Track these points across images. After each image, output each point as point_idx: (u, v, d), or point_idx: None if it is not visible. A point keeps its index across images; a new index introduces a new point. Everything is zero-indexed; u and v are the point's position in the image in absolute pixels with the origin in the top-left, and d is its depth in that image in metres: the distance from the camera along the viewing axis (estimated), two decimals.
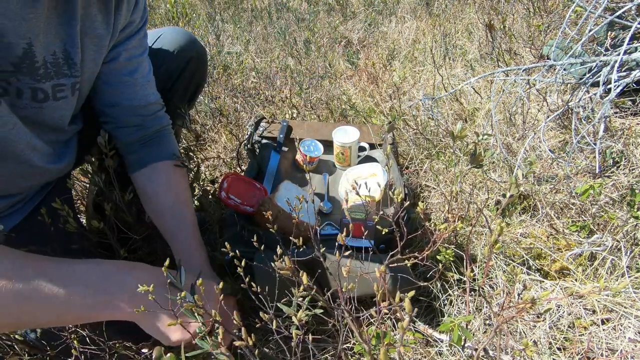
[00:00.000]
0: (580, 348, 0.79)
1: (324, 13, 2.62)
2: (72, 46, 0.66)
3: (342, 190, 1.16)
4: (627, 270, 0.87)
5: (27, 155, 0.67)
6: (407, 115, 1.48)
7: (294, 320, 0.52)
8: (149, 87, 0.83)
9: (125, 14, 0.74)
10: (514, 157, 1.23)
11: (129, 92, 0.80)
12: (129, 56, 0.78)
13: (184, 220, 0.81)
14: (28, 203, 0.75)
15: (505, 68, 1.21)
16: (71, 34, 0.65)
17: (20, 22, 0.56)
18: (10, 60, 0.58)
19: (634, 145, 1.17)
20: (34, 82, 0.62)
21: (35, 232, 0.72)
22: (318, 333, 0.85)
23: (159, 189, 0.82)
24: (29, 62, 0.60)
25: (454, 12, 2.29)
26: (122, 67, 0.77)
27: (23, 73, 0.60)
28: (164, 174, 0.83)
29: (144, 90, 0.82)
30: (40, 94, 0.64)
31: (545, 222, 1.04)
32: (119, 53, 0.76)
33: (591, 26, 1.05)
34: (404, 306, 0.39)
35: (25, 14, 0.57)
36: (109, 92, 0.78)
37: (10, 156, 0.64)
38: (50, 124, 0.70)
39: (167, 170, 0.84)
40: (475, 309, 0.88)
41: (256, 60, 2.09)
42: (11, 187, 0.70)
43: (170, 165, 0.84)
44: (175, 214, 0.81)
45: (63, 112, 0.71)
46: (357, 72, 1.92)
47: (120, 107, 0.80)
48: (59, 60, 0.65)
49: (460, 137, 0.76)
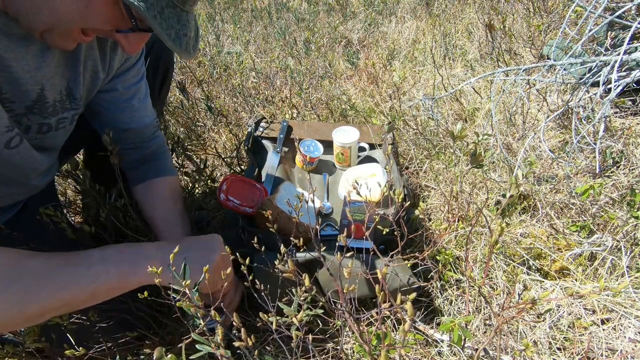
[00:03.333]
0: (580, 348, 0.79)
1: (324, 13, 2.62)
2: (75, 84, 0.71)
3: (342, 191, 1.16)
4: (627, 270, 0.87)
5: (28, 177, 0.72)
6: (407, 115, 1.48)
7: (294, 320, 0.52)
8: (145, 109, 0.89)
9: (121, 54, 0.78)
10: (514, 157, 1.23)
11: (126, 118, 0.85)
12: (127, 85, 0.82)
13: (177, 228, 0.87)
14: (13, 207, 0.78)
15: (505, 68, 1.21)
16: (75, 74, 0.70)
17: (35, 72, 0.62)
18: (25, 104, 0.64)
19: (634, 145, 1.17)
20: (42, 119, 0.68)
21: (23, 227, 0.76)
22: (318, 333, 0.85)
23: (155, 201, 0.89)
24: (40, 104, 0.67)
25: (454, 12, 2.29)
26: (120, 95, 0.82)
27: (34, 113, 0.67)
28: (160, 188, 0.90)
29: (140, 113, 0.87)
30: (45, 127, 0.70)
31: (545, 222, 1.04)
32: (117, 84, 0.81)
33: (591, 26, 1.05)
34: (406, 308, 0.39)
35: (39, 63, 0.62)
36: (108, 118, 0.83)
37: (14, 180, 0.70)
38: (48, 147, 0.75)
39: (163, 185, 0.91)
40: (475, 309, 0.88)
41: (256, 61, 2.09)
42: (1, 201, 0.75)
43: (166, 180, 0.92)
44: (170, 222, 0.87)
45: (61, 138, 0.77)
46: (357, 72, 1.92)
47: (118, 130, 0.84)
48: (63, 97, 0.70)
49: (460, 137, 0.76)
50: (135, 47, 0.61)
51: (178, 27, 0.57)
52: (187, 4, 0.58)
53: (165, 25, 0.55)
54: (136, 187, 0.90)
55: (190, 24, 0.60)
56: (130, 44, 0.61)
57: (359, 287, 0.82)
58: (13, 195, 0.75)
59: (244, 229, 0.94)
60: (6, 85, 0.60)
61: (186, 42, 0.59)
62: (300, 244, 0.68)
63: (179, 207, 0.91)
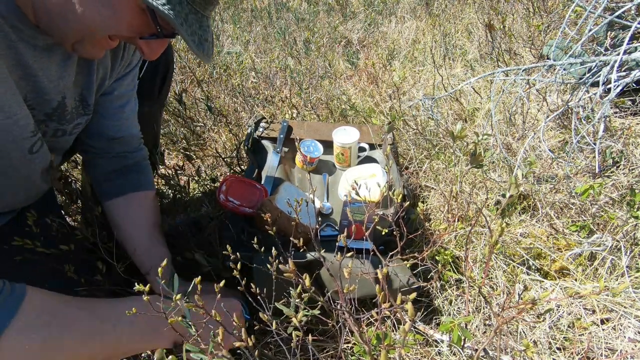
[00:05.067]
0: (580, 348, 0.79)
1: (324, 13, 2.62)
2: (88, 91, 0.73)
3: (342, 191, 1.16)
4: (627, 270, 0.87)
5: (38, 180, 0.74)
6: (407, 115, 1.48)
7: (294, 321, 0.52)
8: (135, 119, 0.89)
9: (126, 58, 0.79)
10: (514, 157, 1.23)
11: (116, 124, 0.85)
12: (123, 91, 0.83)
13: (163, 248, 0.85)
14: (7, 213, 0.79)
15: (505, 68, 1.21)
16: (89, 82, 0.72)
17: (58, 81, 0.64)
18: (45, 111, 0.66)
19: (633, 145, 1.18)
20: (59, 125, 0.71)
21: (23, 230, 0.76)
22: (318, 333, 0.85)
23: (138, 217, 0.86)
24: (60, 111, 0.68)
25: (454, 12, 2.29)
26: (114, 99, 0.82)
27: (52, 120, 0.69)
28: (143, 202, 0.88)
29: (129, 122, 0.87)
30: (60, 132, 0.72)
31: (545, 222, 1.04)
32: (114, 88, 0.81)
33: (591, 26, 1.05)
34: (406, 308, 0.39)
35: (61, 73, 0.64)
36: (98, 124, 0.83)
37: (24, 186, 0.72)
38: (58, 149, 0.77)
39: (146, 199, 0.89)
40: (475, 309, 0.88)
41: (256, 61, 2.09)
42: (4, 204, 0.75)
43: (148, 194, 0.89)
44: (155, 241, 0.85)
45: (71, 142, 0.79)
46: (357, 72, 1.92)
47: (105, 138, 0.84)
48: (77, 103, 0.72)
49: (460, 137, 0.76)
50: (156, 52, 0.62)
51: (200, 33, 0.59)
52: (208, 10, 0.59)
53: (190, 31, 0.56)
54: (112, 201, 0.85)
55: (210, 29, 0.62)
56: (152, 50, 0.62)
57: (365, 287, 0.82)
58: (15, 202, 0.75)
59: (244, 229, 0.94)
60: (31, 94, 0.62)
61: (207, 47, 0.61)
62: (300, 245, 0.68)
63: (159, 223, 0.89)
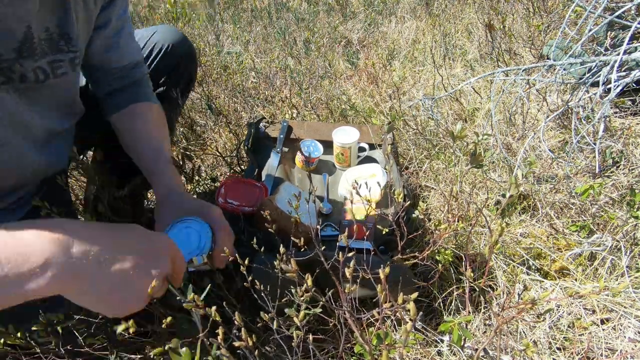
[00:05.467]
0: (580, 348, 0.79)
1: (324, 13, 2.62)
2: (66, 22, 0.66)
3: (342, 191, 1.16)
4: (627, 270, 0.87)
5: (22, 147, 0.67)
6: (407, 115, 1.48)
7: (295, 320, 0.52)
8: (132, 43, 0.85)
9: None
10: (514, 157, 1.23)
11: (117, 55, 0.82)
12: (117, 16, 0.79)
13: (162, 154, 0.80)
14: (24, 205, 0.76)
15: (505, 68, 1.21)
16: (65, 10, 0.66)
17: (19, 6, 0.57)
18: (13, 46, 0.59)
19: (633, 145, 1.18)
20: (34, 62, 0.63)
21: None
22: (319, 333, 0.85)
23: (137, 125, 0.83)
24: (29, 44, 0.61)
25: (454, 12, 2.29)
26: (112, 29, 0.79)
27: (24, 57, 0.61)
28: (142, 112, 0.84)
29: (129, 48, 0.84)
30: (41, 74, 0.65)
31: (545, 222, 1.04)
32: (109, 18, 0.77)
33: (591, 26, 1.05)
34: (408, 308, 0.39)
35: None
36: (98, 57, 0.80)
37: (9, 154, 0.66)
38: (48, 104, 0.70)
39: (146, 110, 0.85)
40: (475, 309, 0.88)
41: (256, 61, 2.09)
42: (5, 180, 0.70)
43: (149, 105, 0.86)
44: (153, 148, 0.80)
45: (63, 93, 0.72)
46: (357, 72, 1.92)
47: (107, 68, 0.82)
48: (53, 36, 0.65)
49: (460, 137, 0.76)
50: None
51: None
52: None
53: None
54: (116, 114, 0.84)
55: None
56: None
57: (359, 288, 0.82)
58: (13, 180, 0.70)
59: (244, 229, 0.94)
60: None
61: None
62: (300, 244, 0.68)
63: (167, 135, 0.85)
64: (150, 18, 2.55)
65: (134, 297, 0.49)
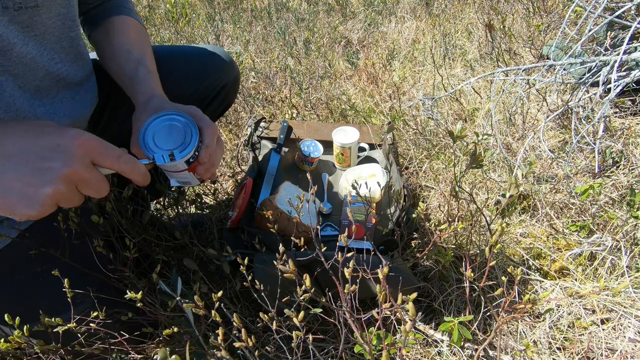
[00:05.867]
0: (580, 348, 0.79)
1: (324, 13, 2.62)
2: None
3: (342, 191, 1.16)
4: (627, 270, 0.87)
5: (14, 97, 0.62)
6: (407, 115, 1.48)
7: (295, 321, 0.52)
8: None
9: None
10: (514, 157, 1.23)
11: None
12: None
13: (142, 64, 0.74)
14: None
15: (505, 68, 1.21)
16: None
17: None
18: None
19: (633, 145, 1.18)
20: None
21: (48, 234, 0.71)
22: (319, 333, 0.86)
23: (117, 38, 0.77)
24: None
25: (454, 12, 2.29)
26: None
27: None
28: (122, 26, 0.79)
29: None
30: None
31: (545, 222, 1.04)
32: None
33: (591, 26, 1.05)
34: (407, 308, 0.39)
35: None
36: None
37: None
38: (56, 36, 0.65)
39: (126, 23, 0.80)
40: (475, 309, 0.88)
41: (256, 61, 2.09)
42: None
43: (128, 19, 0.81)
44: (133, 59, 0.74)
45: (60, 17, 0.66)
46: (356, 72, 1.92)
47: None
48: None
49: (460, 137, 0.76)
50: None
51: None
52: None
53: None
54: (95, 31, 0.79)
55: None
56: None
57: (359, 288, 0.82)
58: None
59: (244, 229, 0.94)
60: None
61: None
62: (300, 244, 0.68)
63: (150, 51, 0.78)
64: (150, 18, 2.55)
65: (22, 203, 0.43)
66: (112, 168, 0.46)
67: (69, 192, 0.44)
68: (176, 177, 0.61)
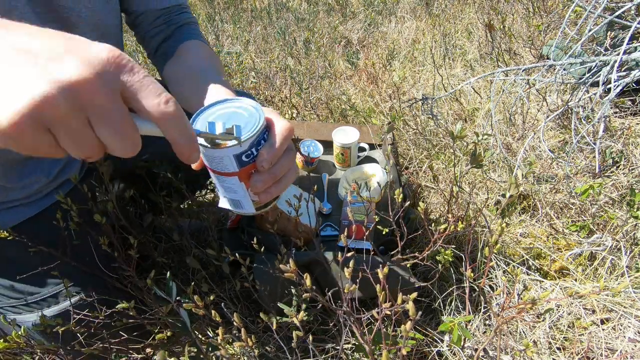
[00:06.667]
0: (580, 348, 0.79)
1: (324, 13, 2.62)
2: None
3: (342, 191, 1.16)
4: (627, 270, 0.87)
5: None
6: (407, 116, 1.48)
7: (295, 321, 0.52)
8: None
9: None
10: (514, 157, 1.23)
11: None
12: None
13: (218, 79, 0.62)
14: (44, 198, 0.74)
15: (505, 68, 1.21)
16: None
17: None
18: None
19: (633, 145, 1.18)
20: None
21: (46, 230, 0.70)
22: (319, 333, 0.85)
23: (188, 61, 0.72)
24: None
25: (454, 12, 2.29)
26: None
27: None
28: (192, 47, 0.74)
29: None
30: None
31: (545, 222, 1.04)
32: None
33: (591, 26, 1.05)
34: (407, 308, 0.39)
35: None
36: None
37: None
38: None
39: (196, 46, 0.75)
40: (475, 309, 0.88)
41: (256, 61, 2.09)
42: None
43: (198, 42, 0.76)
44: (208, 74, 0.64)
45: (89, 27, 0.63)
46: (356, 72, 1.92)
47: (149, 13, 0.77)
48: None
49: (460, 137, 0.76)
50: None
51: None
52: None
53: None
54: (166, 65, 0.74)
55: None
56: None
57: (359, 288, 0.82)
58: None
59: (244, 229, 0.94)
60: None
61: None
62: (300, 244, 0.68)
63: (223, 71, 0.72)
64: None
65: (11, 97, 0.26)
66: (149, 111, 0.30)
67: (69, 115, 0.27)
68: (224, 186, 0.44)
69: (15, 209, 0.71)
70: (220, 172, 0.42)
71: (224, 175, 0.42)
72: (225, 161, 0.40)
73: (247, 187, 0.43)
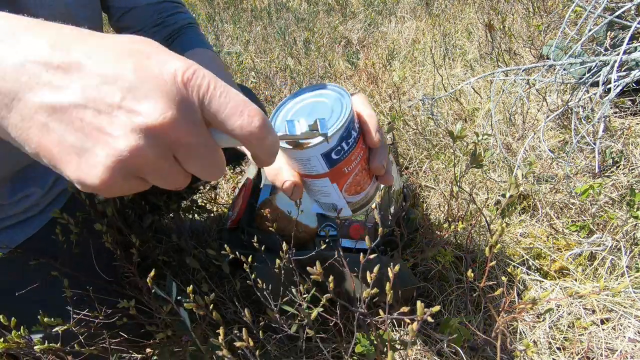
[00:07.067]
0: (580, 348, 0.79)
1: (324, 13, 2.62)
2: None
3: None
4: (627, 270, 0.87)
5: None
6: (407, 115, 1.48)
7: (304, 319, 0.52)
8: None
9: None
10: (514, 157, 1.23)
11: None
12: None
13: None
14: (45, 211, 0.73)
15: (505, 68, 1.21)
16: None
17: None
18: None
19: (633, 145, 1.18)
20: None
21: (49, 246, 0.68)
22: (319, 333, 0.85)
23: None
24: None
25: (454, 12, 2.29)
26: None
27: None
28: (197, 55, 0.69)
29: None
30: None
31: (545, 222, 1.04)
32: None
33: (591, 26, 1.05)
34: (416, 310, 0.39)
35: None
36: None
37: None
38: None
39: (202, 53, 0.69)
40: (475, 309, 0.88)
41: (256, 61, 2.09)
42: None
43: (205, 51, 0.70)
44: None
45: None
46: (356, 72, 1.91)
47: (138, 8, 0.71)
48: None
49: (460, 137, 0.76)
50: None
51: None
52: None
53: None
54: None
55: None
56: None
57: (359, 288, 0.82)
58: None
59: (244, 229, 0.94)
60: None
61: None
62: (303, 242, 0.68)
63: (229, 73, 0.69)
64: None
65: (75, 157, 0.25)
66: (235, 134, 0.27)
67: (157, 161, 0.26)
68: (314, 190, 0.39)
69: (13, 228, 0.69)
70: (309, 175, 0.37)
71: (313, 178, 0.37)
72: (313, 162, 0.35)
73: (340, 189, 0.39)
